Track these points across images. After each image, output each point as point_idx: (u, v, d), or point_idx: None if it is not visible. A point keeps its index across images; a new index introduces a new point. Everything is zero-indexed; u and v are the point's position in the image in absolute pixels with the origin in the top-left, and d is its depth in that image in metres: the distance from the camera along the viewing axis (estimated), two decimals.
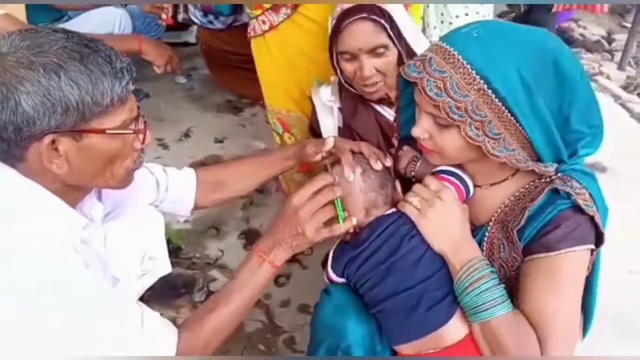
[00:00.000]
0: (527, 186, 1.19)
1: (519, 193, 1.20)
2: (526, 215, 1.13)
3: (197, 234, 2.49)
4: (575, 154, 1.15)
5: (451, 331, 1.17)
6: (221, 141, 3.21)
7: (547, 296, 1.10)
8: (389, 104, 1.80)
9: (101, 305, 1.03)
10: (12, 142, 0.96)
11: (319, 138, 1.78)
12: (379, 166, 1.33)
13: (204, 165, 2.77)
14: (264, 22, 2.06)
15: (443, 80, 1.07)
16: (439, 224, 1.19)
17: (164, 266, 1.31)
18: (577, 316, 1.14)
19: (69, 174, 1.02)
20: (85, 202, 1.15)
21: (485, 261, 1.16)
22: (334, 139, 1.47)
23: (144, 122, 1.10)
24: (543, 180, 1.16)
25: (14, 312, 0.93)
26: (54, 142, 0.97)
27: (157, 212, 1.36)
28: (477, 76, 1.06)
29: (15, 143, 0.96)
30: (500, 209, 1.22)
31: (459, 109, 1.07)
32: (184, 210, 1.54)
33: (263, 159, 1.66)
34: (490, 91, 1.06)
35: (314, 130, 1.95)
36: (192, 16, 3.39)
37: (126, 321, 1.06)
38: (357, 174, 1.31)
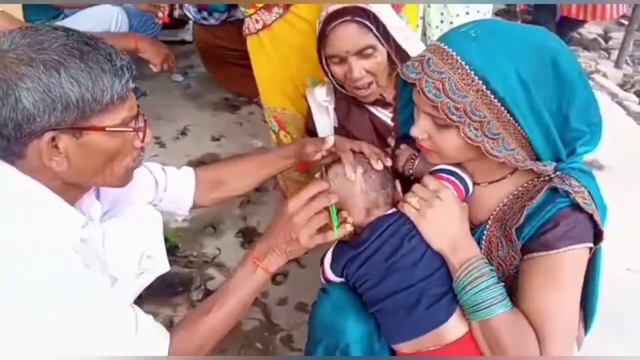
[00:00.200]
0: (526, 185, 1.19)
1: (517, 191, 1.20)
2: (525, 213, 1.13)
3: (194, 232, 2.48)
4: (573, 152, 1.15)
5: (451, 329, 1.17)
6: (218, 139, 3.20)
7: (546, 295, 1.10)
8: (383, 104, 1.79)
9: (99, 305, 1.03)
10: (12, 138, 0.95)
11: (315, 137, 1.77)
12: (380, 166, 1.33)
13: (201, 163, 2.77)
14: (257, 21, 2.05)
15: (441, 81, 1.07)
16: (438, 223, 1.19)
17: (162, 265, 1.31)
18: (576, 314, 1.14)
19: (68, 171, 1.01)
20: (84, 200, 1.15)
21: (484, 260, 1.16)
22: (333, 138, 1.47)
23: (144, 120, 1.10)
24: (542, 179, 1.16)
25: (13, 310, 0.93)
26: (53, 139, 0.97)
27: (155, 211, 1.36)
28: (476, 77, 1.06)
29: (15, 140, 0.96)
30: (498, 207, 1.22)
31: (457, 109, 1.07)
32: (183, 210, 1.54)
33: (262, 158, 1.66)
34: (489, 92, 1.06)
35: (310, 130, 1.94)
36: (186, 12, 3.39)
37: (122, 322, 1.07)
38: (359, 174, 1.30)
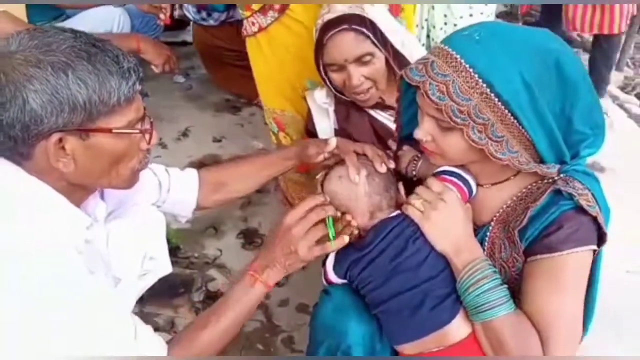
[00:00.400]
0: (529, 187, 1.19)
1: (521, 193, 1.20)
2: (528, 215, 1.14)
3: (195, 234, 2.48)
4: (577, 155, 1.15)
5: (454, 330, 1.18)
6: (219, 140, 3.20)
7: (550, 297, 1.10)
8: (382, 107, 1.78)
9: (101, 306, 1.03)
10: (19, 140, 0.96)
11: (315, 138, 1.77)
12: (383, 169, 1.33)
13: (202, 165, 2.77)
14: (253, 24, 2.04)
15: (445, 84, 1.07)
16: (441, 225, 1.19)
17: (164, 266, 1.31)
18: (579, 317, 1.14)
19: (75, 173, 1.02)
20: (90, 201, 1.15)
21: (488, 261, 1.16)
22: (336, 140, 1.47)
23: (150, 122, 1.11)
24: (545, 181, 1.16)
25: (14, 310, 0.93)
26: (60, 140, 0.97)
27: (158, 212, 1.36)
28: (480, 80, 1.06)
29: (23, 141, 0.96)
30: (502, 209, 1.22)
31: (461, 112, 1.07)
32: (186, 211, 1.54)
33: (264, 159, 1.66)
34: (492, 94, 1.06)
35: (310, 132, 1.94)
36: (186, 12, 3.40)
37: (123, 324, 1.06)
38: (362, 176, 1.31)
